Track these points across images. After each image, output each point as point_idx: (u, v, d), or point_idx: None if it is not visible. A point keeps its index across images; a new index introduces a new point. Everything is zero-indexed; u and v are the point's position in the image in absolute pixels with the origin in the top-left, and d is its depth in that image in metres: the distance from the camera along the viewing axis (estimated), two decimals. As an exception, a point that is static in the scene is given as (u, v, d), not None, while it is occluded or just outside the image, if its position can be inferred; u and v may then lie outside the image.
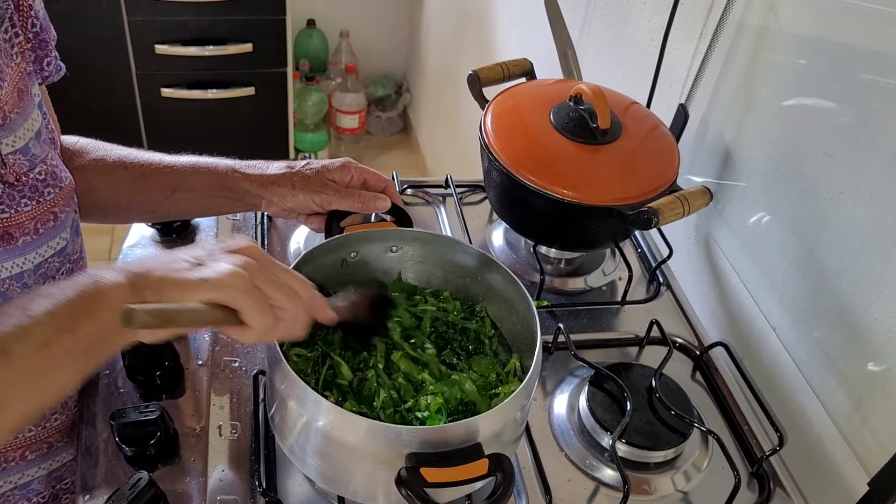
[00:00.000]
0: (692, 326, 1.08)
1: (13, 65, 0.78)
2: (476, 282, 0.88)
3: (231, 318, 0.63)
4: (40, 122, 0.82)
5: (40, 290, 0.61)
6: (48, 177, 0.82)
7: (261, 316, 0.63)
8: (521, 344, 0.85)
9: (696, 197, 0.97)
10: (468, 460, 0.66)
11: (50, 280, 0.84)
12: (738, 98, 1.08)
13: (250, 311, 0.63)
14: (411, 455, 0.66)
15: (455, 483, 0.66)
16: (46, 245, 0.83)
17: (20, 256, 0.80)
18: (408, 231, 0.88)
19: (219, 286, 0.62)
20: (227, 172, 0.93)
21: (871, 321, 0.86)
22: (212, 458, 0.82)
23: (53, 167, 0.83)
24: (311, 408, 0.69)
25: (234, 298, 0.62)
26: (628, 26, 1.38)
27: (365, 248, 0.87)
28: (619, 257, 1.16)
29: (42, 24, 0.83)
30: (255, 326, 0.64)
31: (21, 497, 0.92)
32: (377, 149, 3.50)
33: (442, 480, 0.66)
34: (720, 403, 0.98)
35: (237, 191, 0.93)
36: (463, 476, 0.66)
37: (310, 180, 0.92)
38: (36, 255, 0.82)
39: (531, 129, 1.03)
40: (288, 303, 0.66)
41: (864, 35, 0.87)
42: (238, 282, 0.62)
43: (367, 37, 3.35)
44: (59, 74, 0.88)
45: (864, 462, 0.86)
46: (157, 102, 2.83)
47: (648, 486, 0.87)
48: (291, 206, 0.92)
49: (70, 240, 0.87)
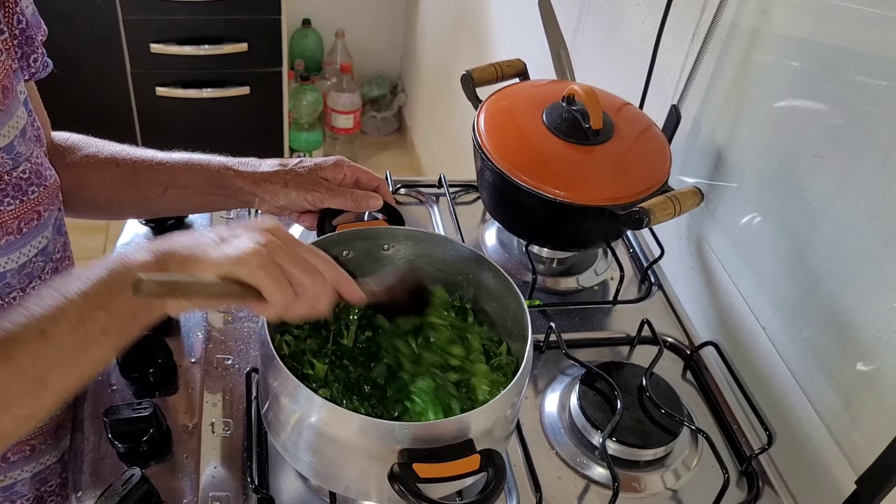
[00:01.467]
0: (683, 326, 1.08)
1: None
2: (468, 280, 0.89)
3: (249, 294, 0.65)
4: (25, 119, 0.81)
5: (73, 272, 0.64)
6: (32, 175, 0.81)
7: (280, 291, 0.65)
8: (512, 342, 0.86)
9: (687, 197, 0.98)
10: (460, 456, 0.67)
11: (36, 280, 0.84)
12: (729, 99, 1.09)
13: (268, 287, 0.65)
14: (404, 451, 0.67)
15: (447, 479, 0.67)
16: (30, 245, 0.82)
17: (2, 256, 0.79)
18: (400, 229, 0.89)
19: (238, 263, 0.64)
20: (220, 170, 0.93)
21: (859, 321, 0.86)
22: (204, 455, 0.83)
23: (38, 165, 0.82)
24: (303, 404, 0.69)
25: (252, 274, 0.64)
26: (621, 27, 1.39)
27: (357, 246, 0.88)
28: (611, 257, 1.16)
29: (29, 21, 0.82)
30: (274, 302, 0.65)
31: (5, 500, 0.91)
32: (372, 148, 3.51)
33: (434, 476, 0.66)
34: (710, 402, 0.99)
35: (230, 188, 0.93)
36: (455, 471, 0.67)
37: (302, 178, 0.92)
38: (20, 254, 0.81)
39: (524, 130, 1.04)
40: (308, 279, 0.67)
41: (855, 37, 0.88)
42: (256, 259, 0.64)
43: (362, 37, 3.35)
44: (45, 71, 0.87)
45: (852, 461, 0.87)
46: (151, 101, 2.83)
47: (638, 484, 0.88)
48: (284, 204, 0.93)
49: (51, 238, 0.86)
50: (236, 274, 0.64)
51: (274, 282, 0.65)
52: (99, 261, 0.65)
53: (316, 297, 0.69)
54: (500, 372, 0.82)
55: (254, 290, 0.65)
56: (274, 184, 0.92)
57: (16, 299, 0.82)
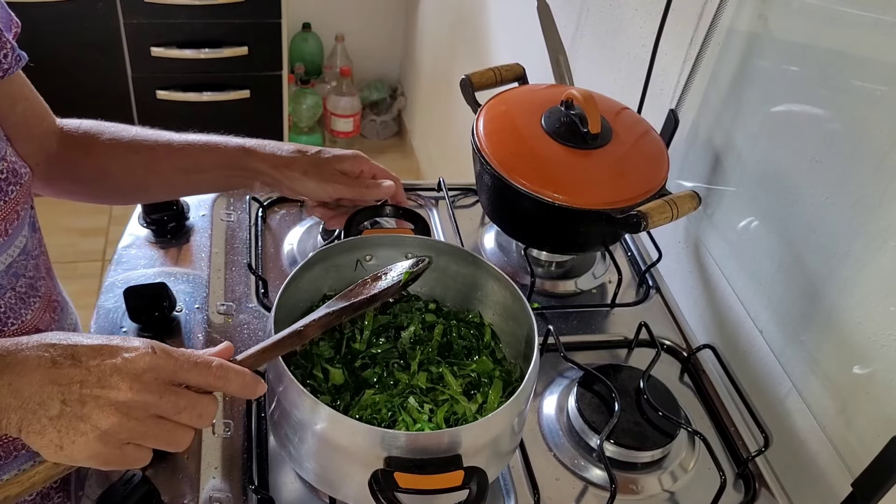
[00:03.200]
0: (680, 329, 1.09)
1: None
2: (475, 291, 0.89)
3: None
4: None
5: None
6: (9, 175, 0.80)
7: (116, 464, 0.63)
8: (518, 355, 0.86)
9: (684, 201, 0.99)
10: (444, 470, 0.67)
11: (21, 278, 0.83)
12: (727, 104, 1.09)
13: (101, 466, 0.63)
14: (390, 458, 0.67)
15: (427, 491, 0.67)
16: (13, 245, 0.82)
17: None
18: (426, 240, 0.89)
19: (71, 461, 0.62)
20: (239, 151, 0.94)
21: (855, 325, 0.87)
22: (205, 456, 0.83)
23: (13, 163, 0.81)
24: (307, 411, 0.70)
25: (81, 462, 0.62)
26: (620, 33, 1.40)
27: (380, 252, 0.88)
28: (609, 261, 1.17)
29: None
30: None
31: None
32: (371, 152, 3.46)
33: (413, 487, 0.66)
34: (707, 405, 1.00)
35: (251, 169, 0.94)
36: (434, 485, 0.67)
37: (322, 169, 0.94)
38: (6, 255, 0.81)
39: (523, 134, 1.05)
40: (165, 442, 0.64)
41: (853, 42, 0.89)
42: (95, 460, 0.61)
43: (361, 41, 3.36)
44: (19, 65, 0.85)
45: (848, 463, 0.87)
46: (152, 104, 2.84)
47: (636, 485, 0.88)
48: (302, 192, 0.94)
49: (28, 236, 0.86)
50: (62, 462, 0.62)
51: (105, 463, 0.62)
52: None
53: (176, 444, 0.66)
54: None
55: None
56: (293, 170, 0.93)
57: (12, 300, 0.83)
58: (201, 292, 1.02)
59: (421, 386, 0.80)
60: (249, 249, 1.09)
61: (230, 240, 1.11)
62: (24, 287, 0.84)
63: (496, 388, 0.80)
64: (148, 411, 0.62)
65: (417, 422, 0.76)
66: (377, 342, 0.84)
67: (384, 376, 0.81)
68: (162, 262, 1.06)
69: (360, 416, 0.76)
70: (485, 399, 0.80)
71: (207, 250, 1.09)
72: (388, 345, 0.84)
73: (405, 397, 0.78)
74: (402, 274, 0.83)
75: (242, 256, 1.08)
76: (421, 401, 0.78)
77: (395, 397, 0.78)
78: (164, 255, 1.07)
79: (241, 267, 1.07)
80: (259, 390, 0.68)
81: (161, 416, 0.63)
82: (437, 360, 0.83)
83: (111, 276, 1.03)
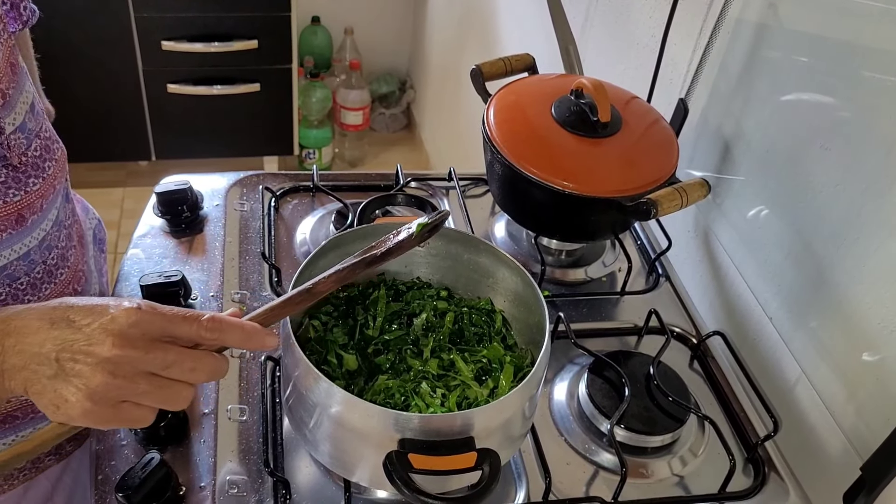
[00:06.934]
0: (690, 316, 1.09)
1: (2, 40, 0.76)
2: (487, 278, 0.90)
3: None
4: (32, 92, 0.80)
5: None
6: (43, 151, 0.81)
7: (107, 424, 0.63)
8: (529, 342, 0.87)
9: (694, 189, 0.99)
10: (456, 452, 0.68)
11: (54, 250, 0.84)
12: (737, 93, 1.10)
13: (96, 426, 0.63)
14: (404, 441, 0.68)
15: (441, 472, 0.68)
16: (47, 219, 0.83)
17: (28, 236, 0.80)
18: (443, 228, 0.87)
19: (69, 420, 0.63)
20: None
21: (864, 311, 0.87)
22: (221, 440, 0.85)
23: (47, 139, 0.82)
24: (322, 395, 0.71)
25: (74, 420, 0.63)
26: (629, 22, 1.40)
27: None
28: (618, 249, 1.18)
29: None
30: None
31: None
32: (381, 145, 3.52)
33: (427, 468, 0.67)
34: (717, 391, 1.00)
35: None
36: (448, 466, 0.68)
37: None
38: (40, 230, 0.82)
39: (533, 123, 1.05)
40: (159, 400, 0.64)
41: (862, 32, 0.89)
42: (90, 418, 0.62)
43: (371, 34, 3.37)
44: (34, 18, 0.86)
45: (856, 448, 0.88)
46: (163, 98, 2.85)
47: (646, 470, 0.89)
48: None
49: (61, 207, 0.86)
50: (63, 422, 0.63)
51: (102, 422, 0.63)
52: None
53: (173, 401, 0.65)
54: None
55: None
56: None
57: (39, 273, 0.84)
58: (216, 281, 1.03)
59: (433, 372, 0.81)
60: (263, 238, 1.11)
61: (244, 229, 1.12)
62: (54, 259, 0.85)
63: (507, 373, 0.81)
64: (136, 368, 0.61)
65: (430, 406, 0.77)
66: (390, 329, 0.85)
67: (397, 362, 0.82)
68: (176, 252, 1.07)
69: (374, 400, 0.77)
70: (496, 384, 0.81)
71: (221, 240, 1.10)
72: (401, 331, 0.85)
73: (418, 382, 0.80)
74: (417, 226, 0.79)
75: (256, 245, 1.10)
76: (433, 386, 0.79)
77: (408, 383, 0.80)
78: (178, 245, 1.09)
79: (255, 256, 1.08)
80: (268, 342, 0.67)
81: (153, 374, 0.62)
82: (449, 347, 0.84)
83: (127, 265, 1.04)
